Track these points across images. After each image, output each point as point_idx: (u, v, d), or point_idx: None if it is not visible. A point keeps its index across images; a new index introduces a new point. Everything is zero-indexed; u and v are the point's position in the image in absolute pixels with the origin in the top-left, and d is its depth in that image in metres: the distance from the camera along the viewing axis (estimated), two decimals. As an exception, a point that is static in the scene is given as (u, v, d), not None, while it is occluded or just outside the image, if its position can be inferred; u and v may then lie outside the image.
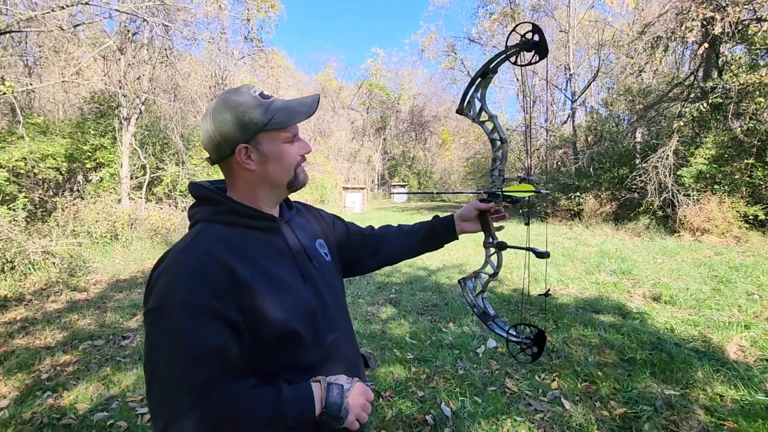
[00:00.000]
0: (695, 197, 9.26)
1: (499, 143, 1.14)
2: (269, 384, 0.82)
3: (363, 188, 25.13)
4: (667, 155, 9.81)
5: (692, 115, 9.53)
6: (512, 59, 1.03)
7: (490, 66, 1.08)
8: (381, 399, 2.80)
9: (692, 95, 10.40)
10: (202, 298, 0.75)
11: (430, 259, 7.33)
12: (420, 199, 31.14)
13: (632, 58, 11.95)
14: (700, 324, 3.86)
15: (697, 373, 2.91)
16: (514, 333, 1.15)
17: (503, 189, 1.14)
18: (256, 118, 0.86)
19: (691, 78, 10.86)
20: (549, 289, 1.02)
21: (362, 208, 22.86)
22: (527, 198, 1.14)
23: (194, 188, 0.93)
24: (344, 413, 0.81)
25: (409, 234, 1.33)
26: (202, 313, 0.75)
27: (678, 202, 9.53)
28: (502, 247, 1.15)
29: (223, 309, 0.76)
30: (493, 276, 1.21)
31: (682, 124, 9.72)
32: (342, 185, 25.70)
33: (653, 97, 12.25)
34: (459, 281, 1.31)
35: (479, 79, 1.11)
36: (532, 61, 0.99)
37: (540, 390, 2.85)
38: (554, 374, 3.06)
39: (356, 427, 0.84)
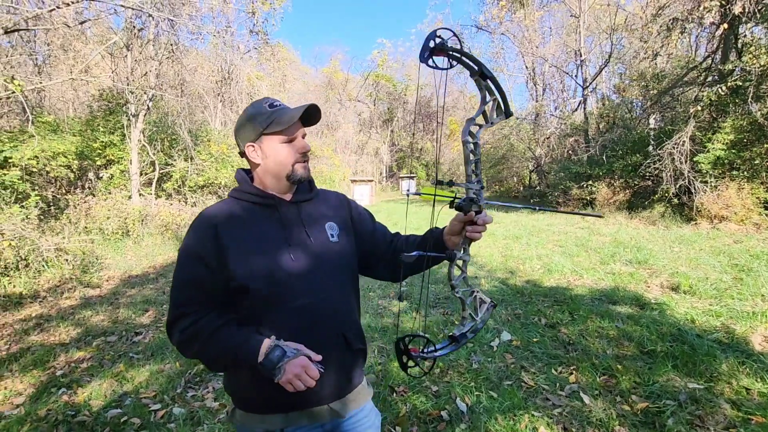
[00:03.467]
0: (713, 184, 9.01)
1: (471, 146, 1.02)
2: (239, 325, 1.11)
3: (371, 180, 25.06)
4: (683, 141, 9.55)
5: (710, 99, 9.24)
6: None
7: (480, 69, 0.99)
8: (395, 394, 2.76)
9: (709, 79, 10.08)
10: (196, 246, 1.10)
11: (440, 251, 7.24)
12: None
13: (646, 42, 11.61)
14: (722, 314, 3.74)
15: (721, 366, 2.81)
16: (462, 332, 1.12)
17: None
18: (259, 125, 1.12)
19: (709, 61, 10.52)
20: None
21: (371, 201, 22.82)
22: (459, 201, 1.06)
23: (236, 173, 1.25)
24: (277, 372, 0.99)
25: (407, 247, 1.32)
26: (193, 255, 1.10)
27: (695, 189, 9.29)
28: (450, 257, 1.08)
29: (206, 256, 1.08)
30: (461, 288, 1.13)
31: (699, 108, 9.43)
32: (350, 178, 25.64)
33: (668, 82, 11.91)
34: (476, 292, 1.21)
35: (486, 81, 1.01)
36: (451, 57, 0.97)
37: (557, 384, 2.78)
38: (571, 368, 2.99)
39: (291, 389, 1.01)
